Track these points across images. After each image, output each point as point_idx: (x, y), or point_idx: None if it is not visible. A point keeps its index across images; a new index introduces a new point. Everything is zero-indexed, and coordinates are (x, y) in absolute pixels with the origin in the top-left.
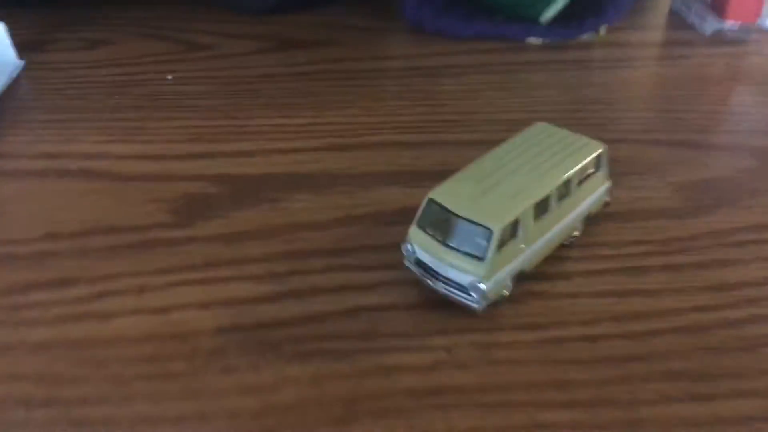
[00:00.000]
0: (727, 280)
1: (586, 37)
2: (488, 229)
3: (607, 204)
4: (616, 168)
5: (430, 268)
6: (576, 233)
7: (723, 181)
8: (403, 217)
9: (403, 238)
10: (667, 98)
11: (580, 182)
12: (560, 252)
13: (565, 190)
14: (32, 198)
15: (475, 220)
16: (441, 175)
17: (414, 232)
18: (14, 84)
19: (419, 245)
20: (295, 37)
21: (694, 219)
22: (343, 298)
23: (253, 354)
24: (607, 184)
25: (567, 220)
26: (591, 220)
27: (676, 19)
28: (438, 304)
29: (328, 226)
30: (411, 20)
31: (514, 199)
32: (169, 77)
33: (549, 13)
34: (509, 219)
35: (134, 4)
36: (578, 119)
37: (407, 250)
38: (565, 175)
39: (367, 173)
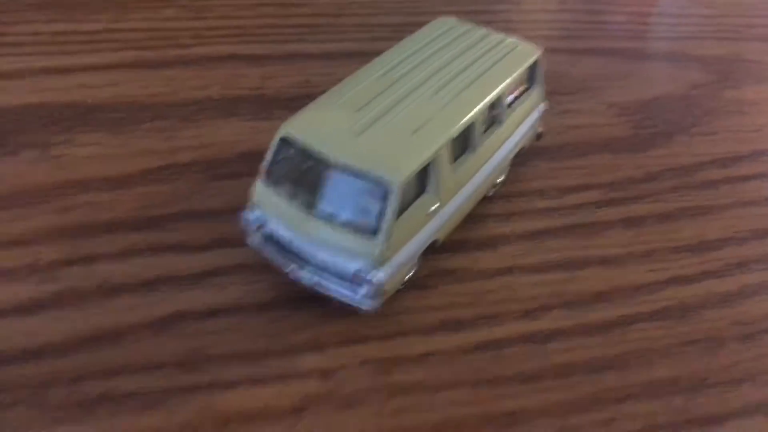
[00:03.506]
0: (705, 236)
1: None
2: (383, 183)
3: (539, 136)
4: None
5: (290, 248)
6: (500, 179)
7: (674, 101)
8: (246, 164)
9: (246, 197)
10: None
11: (512, 103)
12: (480, 207)
13: (493, 115)
14: None
15: (360, 168)
16: (300, 102)
17: (261, 191)
18: None
19: (271, 212)
20: None
21: (648, 152)
22: (152, 300)
23: (3, 411)
24: (542, 107)
25: (496, 159)
26: (517, 159)
27: None
28: (305, 302)
29: (131, 182)
30: None
31: (420, 133)
32: None
33: None
34: (414, 165)
35: None
36: (479, 22)
37: (252, 220)
38: (493, 93)
39: (193, 101)
